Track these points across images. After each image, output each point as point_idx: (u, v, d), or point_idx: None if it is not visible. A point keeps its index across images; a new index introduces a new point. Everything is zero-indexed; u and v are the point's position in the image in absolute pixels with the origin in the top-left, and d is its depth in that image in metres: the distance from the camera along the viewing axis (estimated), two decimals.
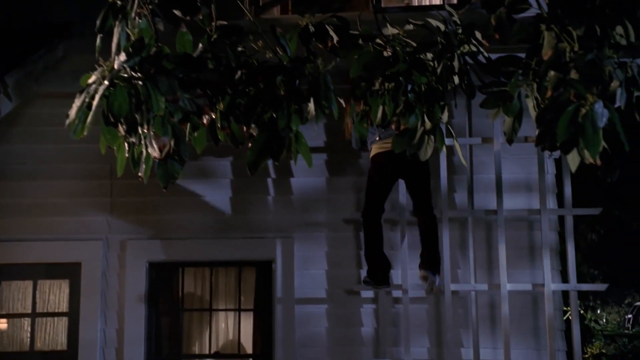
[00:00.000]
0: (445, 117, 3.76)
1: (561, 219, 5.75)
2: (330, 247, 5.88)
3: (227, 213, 5.96)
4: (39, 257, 5.92)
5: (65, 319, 5.94)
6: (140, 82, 2.56)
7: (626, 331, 16.19)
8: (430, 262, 5.35)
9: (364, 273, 5.77)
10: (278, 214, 5.95)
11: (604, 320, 18.69)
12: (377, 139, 5.42)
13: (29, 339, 5.94)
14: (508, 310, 5.41)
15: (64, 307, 5.97)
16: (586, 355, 10.88)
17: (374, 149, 5.49)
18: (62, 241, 5.90)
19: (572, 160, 3.01)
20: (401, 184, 5.62)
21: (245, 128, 3.12)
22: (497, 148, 5.60)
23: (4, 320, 5.99)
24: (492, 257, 5.68)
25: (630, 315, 18.86)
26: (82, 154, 5.87)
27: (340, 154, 5.94)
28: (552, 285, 5.39)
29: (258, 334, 5.97)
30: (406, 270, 5.56)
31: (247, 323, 6.01)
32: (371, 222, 5.47)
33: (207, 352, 5.98)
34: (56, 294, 6.01)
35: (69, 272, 5.93)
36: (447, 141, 5.26)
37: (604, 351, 12.24)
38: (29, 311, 5.97)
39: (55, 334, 5.97)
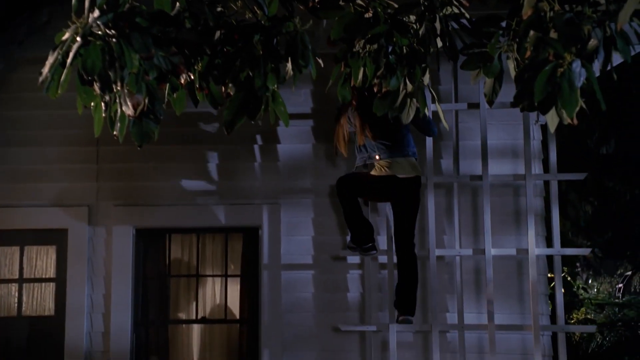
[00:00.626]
0: (426, 79, 3.75)
1: (547, 186, 5.76)
2: (317, 213, 5.89)
3: (214, 180, 5.96)
4: (26, 223, 5.92)
5: (52, 285, 5.97)
6: (113, 39, 2.54)
7: (616, 300, 16.30)
8: (409, 306, 5.31)
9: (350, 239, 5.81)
10: (265, 180, 5.95)
11: (595, 290, 18.82)
12: (377, 157, 5.24)
13: (16, 305, 5.96)
14: (492, 274, 5.44)
15: (51, 272, 5.99)
16: (572, 321, 10.98)
17: (374, 172, 5.29)
18: (49, 207, 5.90)
19: (551, 120, 3.01)
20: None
21: (223, 88, 3.11)
22: (483, 114, 5.59)
23: None
24: (478, 223, 5.69)
25: (620, 285, 19.00)
26: (68, 120, 5.81)
27: (327, 120, 5.92)
28: (536, 250, 5.42)
29: (245, 299, 6.00)
30: (391, 236, 5.58)
31: (234, 289, 6.05)
32: (344, 191, 5.36)
33: (194, 317, 6.01)
34: (43, 260, 6.02)
35: (56, 238, 5.95)
36: (431, 106, 5.31)
37: (589, 317, 12.34)
38: (16, 277, 5.99)
39: (42, 300, 6.00)
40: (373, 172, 5.26)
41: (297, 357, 5.72)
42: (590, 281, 20.32)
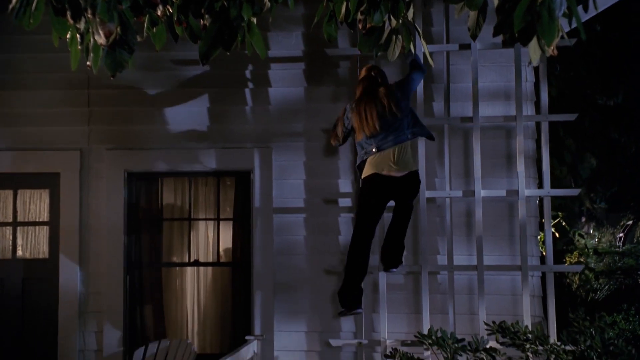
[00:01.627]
0: (411, 14, 3.71)
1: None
2: (309, 156, 5.89)
3: (206, 123, 5.94)
4: (18, 167, 5.95)
5: (46, 228, 6.01)
6: None
7: (617, 249, 16.38)
8: (395, 259, 5.31)
9: (342, 183, 5.82)
10: (256, 124, 5.94)
11: (596, 240, 18.87)
12: (374, 150, 5.14)
13: (11, 247, 6.01)
14: (482, 216, 5.46)
15: (44, 216, 6.03)
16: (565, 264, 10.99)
17: (370, 167, 5.17)
18: (41, 151, 5.92)
19: (533, 52, 2.99)
20: None
21: (201, 21, 3.07)
22: (474, 55, 5.53)
23: None
24: (469, 165, 5.68)
25: (621, 234, 19.09)
26: (59, 63, 5.79)
27: (319, 63, 5.89)
28: (525, 191, 5.42)
29: (237, 242, 6.04)
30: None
31: (227, 232, 6.08)
32: (360, 249, 5.21)
33: (186, 260, 6.06)
34: (37, 204, 6.06)
35: (49, 182, 5.97)
36: (420, 47, 5.25)
37: (581, 260, 12.39)
38: (11, 220, 6.03)
39: (37, 243, 6.05)
40: (376, 171, 5.13)
41: (289, 299, 5.78)
42: (591, 231, 20.36)
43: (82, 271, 5.86)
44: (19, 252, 6.03)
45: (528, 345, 4.46)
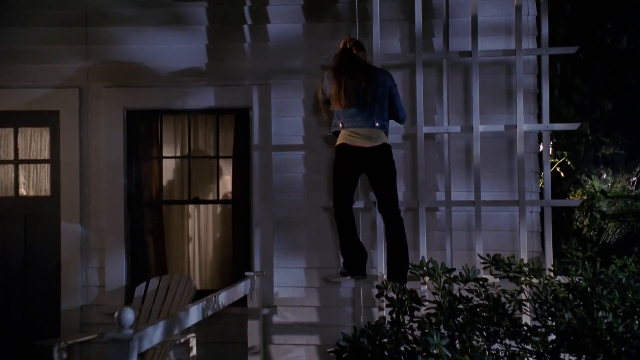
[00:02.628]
0: None
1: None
2: (308, 94, 5.85)
3: (204, 61, 5.90)
4: (18, 105, 5.95)
5: (47, 166, 6.05)
6: None
7: (630, 193, 16.29)
8: (401, 275, 5.16)
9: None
10: (255, 60, 5.89)
11: (609, 184, 18.75)
12: (341, 125, 5.16)
13: (13, 185, 6.07)
14: (480, 152, 5.43)
15: (45, 154, 6.06)
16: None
17: (340, 137, 5.18)
18: (40, 89, 5.92)
19: None
20: None
21: None
22: None
23: None
24: (469, 102, 5.62)
25: (634, 179, 18.97)
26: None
27: None
28: (524, 125, 5.37)
29: (237, 180, 6.05)
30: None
31: (226, 170, 6.09)
32: (341, 214, 5.27)
33: (186, 198, 6.09)
34: (37, 142, 6.09)
35: (48, 120, 5.99)
36: None
37: (584, 197, 12.31)
38: (12, 158, 6.08)
39: (38, 181, 6.09)
40: (344, 141, 5.13)
41: (288, 236, 5.81)
42: (604, 176, 20.21)
43: (83, 208, 5.91)
44: (21, 190, 6.09)
45: (523, 278, 4.45)
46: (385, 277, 5.37)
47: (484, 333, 3.75)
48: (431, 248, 5.53)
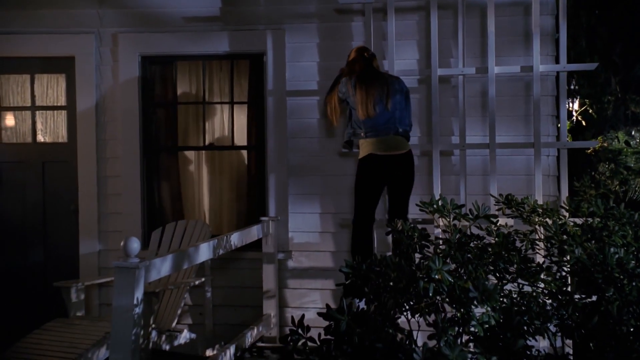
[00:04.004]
0: None
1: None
2: (322, 38, 5.80)
3: (218, 5, 5.86)
4: (34, 51, 5.98)
5: (64, 113, 6.09)
6: None
7: None
8: None
9: None
10: (269, 5, 5.84)
11: (637, 141, 18.43)
12: (363, 135, 5.12)
13: (31, 132, 6.13)
14: (495, 94, 5.35)
15: (62, 101, 6.10)
16: (590, 151, 10.71)
17: (365, 149, 5.13)
18: (55, 34, 5.93)
19: None
20: None
21: None
22: None
23: (11, 115, 6.16)
24: (485, 45, 5.53)
25: None
26: None
27: None
28: (540, 66, 5.27)
29: (251, 126, 6.04)
30: (393, 59, 5.50)
31: (241, 115, 6.08)
32: (362, 232, 5.19)
33: (201, 144, 6.10)
34: (54, 88, 6.13)
35: (64, 66, 6.01)
36: None
37: (605, 145, 12.08)
38: (29, 105, 6.13)
39: (55, 127, 6.14)
40: (372, 152, 5.09)
41: (302, 181, 5.81)
42: (633, 133, 19.84)
43: (99, 155, 5.96)
44: (39, 137, 6.15)
45: (537, 219, 4.41)
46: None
47: (497, 274, 3.73)
48: (445, 192, 5.50)
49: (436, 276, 2.91)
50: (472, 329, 2.99)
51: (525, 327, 3.21)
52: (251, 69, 6.00)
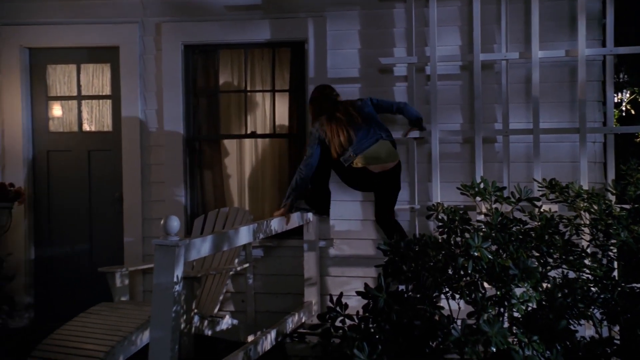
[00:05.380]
0: None
1: None
2: (364, 25, 5.78)
3: None
4: (80, 41, 6.10)
5: (109, 102, 6.19)
6: None
7: None
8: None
9: (397, 52, 5.71)
10: None
11: None
12: (353, 155, 5.10)
13: (77, 121, 6.24)
14: (539, 80, 5.27)
15: (107, 90, 6.20)
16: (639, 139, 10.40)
17: (359, 163, 5.13)
18: (100, 24, 6.03)
19: None
20: None
21: None
22: None
23: (58, 105, 6.28)
24: (529, 31, 5.43)
25: None
26: None
27: None
28: (586, 50, 5.17)
29: (293, 114, 6.05)
30: (435, 45, 5.46)
31: (282, 104, 6.09)
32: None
33: (243, 132, 6.14)
34: (99, 78, 6.23)
35: (109, 55, 6.11)
36: None
37: None
38: (75, 94, 6.24)
39: (101, 116, 6.25)
40: (364, 165, 5.14)
41: None
42: None
43: (143, 143, 6.04)
44: (85, 126, 6.26)
45: (581, 204, 4.32)
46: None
47: (540, 260, 3.66)
48: (488, 180, 5.41)
49: (475, 253, 2.87)
50: (513, 308, 2.95)
51: (568, 310, 3.15)
52: (292, 57, 6.02)
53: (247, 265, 5.64)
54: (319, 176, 5.34)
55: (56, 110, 6.27)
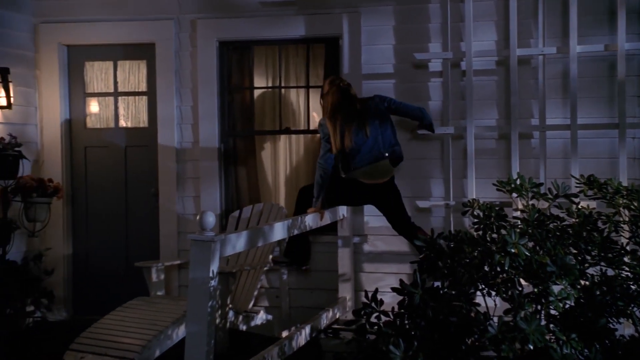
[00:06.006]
0: None
1: None
2: (398, 20, 5.75)
3: None
4: (117, 38, 6.18)
5: (144, 98, 6.25)
6: None
7: None
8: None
9: (432, 47, 5.67)
10: None
11: None
12: (352, 168, 5.11)
13: (114, 117, 6.32)
14: (576, 73, 5.20)
15: (143, 86, 6.26)
16: None
17: (352, 175, 5.17)
18: (136, 21, 6.09)
19: None
20: None
21: None
22: None
23: (95, 101, 6.37)
24: (566, 25, 5.35)
25: None
26: None
27: None
28: (625, 44, 5.08)
29: None
30: (470, 40, 5.41)
31: (316, 100, 6.08)
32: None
33: (277, 128, 6.15)
34: (135, 74, 6.30)
35: (145, 52, 6.18)
36: None
37: None
38: (112, 90, 6.32)
39: (137, 112, 6.32)
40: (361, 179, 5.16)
41: None
42: None
43: (178, 139, 6.09)
44: (121, 122, 6.33)
45: (621, 201, 4.26)
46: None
47: (578, 257, 3.60)
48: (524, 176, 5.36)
49: (512, 250, 2.85)
50: (550, 306, 2.91)
51: (607, 308, 3.10)
52: (327, 52, 6.02)
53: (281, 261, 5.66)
54: None
55: (93, 106, 6.36)
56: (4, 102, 5.74)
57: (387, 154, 5.13)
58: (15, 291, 5.61)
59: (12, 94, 5.79)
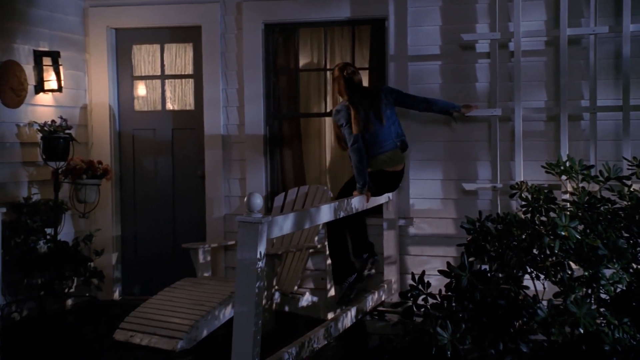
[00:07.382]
0: None
1: None
2: (445, 1, 5.69)
3: None
4: (163, 21, 6.23)
5: (191, 81, 6.30)
6: None
7: None
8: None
9: (479, 28, 5.60)
10: None
11: None
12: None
13: (160, 100, 6.38)
14: (629, 53, 5.07)
15: (189, 69, 6.31)
16: None
17: (374, 165, 5.20)
18: (183, 4, 6.13)
19: None
20: None
21: None
22: None
23: (143, 84, 6.44)
24: (620, 3, 5.21)
25: None
26: None
27: None
28: None
29: None
30: (519, 20, 5.31)
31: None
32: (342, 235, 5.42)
33: (323, 111, 6.14)
34: (182, 57, 6.35)
35: (191, 35, 6.21)
36: None
37: None
38: (159, 74, 6.38)
39: (183, 95, 6.37)
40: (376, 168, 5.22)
41: (424, 147, 5.73)
42: None
43: (224, 121, 6.13)
44: (168, 105, 6.39)
45: None
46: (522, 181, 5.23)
47: (630, 240, 3.54)
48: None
49: (562, 233, 2.81)
50: (601, 290, 2.87)
51: None
52: (372, 34, 5.98)
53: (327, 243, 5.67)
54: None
55: (141, 89, 6.43)
56: (54, 85, 5.84)
57: (399, 144, 5.25)
58: (66, 271, 5.73)
59: (62, 77, 5.88)
